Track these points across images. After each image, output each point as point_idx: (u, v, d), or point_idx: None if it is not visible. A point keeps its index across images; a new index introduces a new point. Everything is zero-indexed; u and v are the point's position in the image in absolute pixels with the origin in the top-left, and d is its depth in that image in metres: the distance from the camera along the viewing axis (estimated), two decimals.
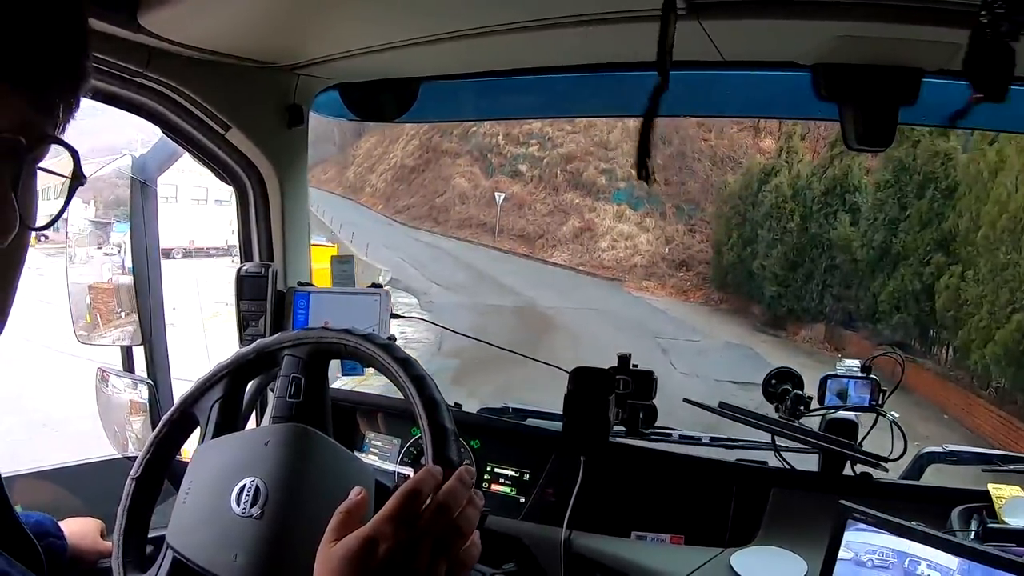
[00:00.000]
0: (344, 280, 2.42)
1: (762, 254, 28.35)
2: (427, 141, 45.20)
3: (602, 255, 33.76)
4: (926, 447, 2.33)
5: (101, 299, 2.54)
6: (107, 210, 2.52)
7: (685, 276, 32.45)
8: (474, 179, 40.65)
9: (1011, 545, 1.66)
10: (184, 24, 1.79)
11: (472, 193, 39.95)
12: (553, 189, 37.08)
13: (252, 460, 1.27)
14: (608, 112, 2.65)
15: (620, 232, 34.11)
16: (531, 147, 38.34)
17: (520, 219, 36.78)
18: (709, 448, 2.31)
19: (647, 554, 1.96)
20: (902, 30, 1.62)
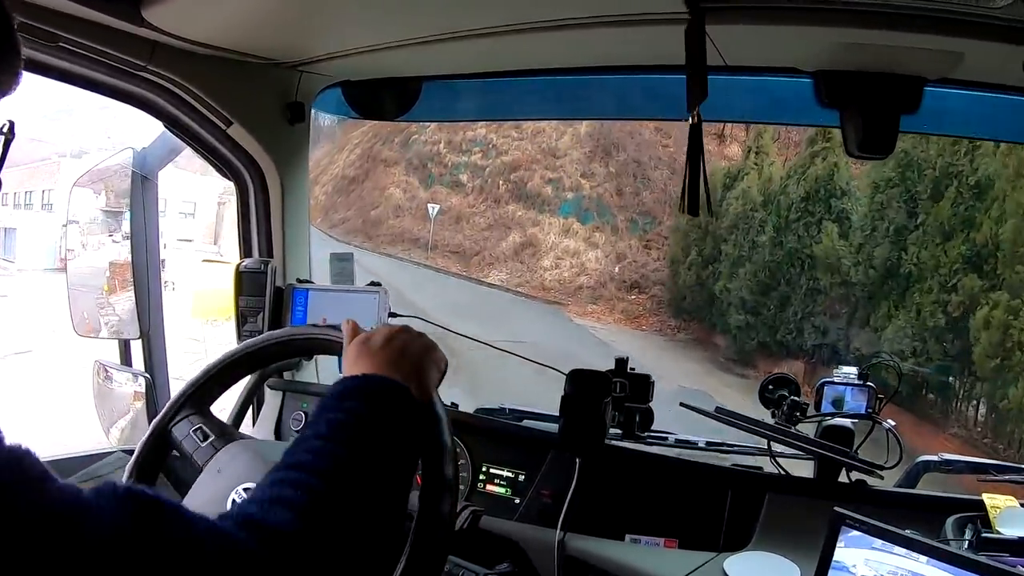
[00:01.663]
0: (343, 277, 2.42)
1: (726, 274, 22.51)
2: (368, 150, 40.97)
3: (544, 275, 29.23)
4: (921, 455, 2.33)
5: (119, 272, 2.54)
6: (118, 199, 2.52)
7: (637, 299, 27.73)
8: (411, 190, 36.47)
9: (1005, 555, 1.66)
10: (188, 19, 1.80)
11: (408, 205, 35.82)
12: (495, 201, 32.88)
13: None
14: (610, 115, 2.65)
15: (566, 248, 29.74)
16: (474, 155, 34.34)
17: (457, 234, 32.73)
18: (705, 452, 2.30)
19: (641, 557, 1.96)
20: (905, 38, 1.62)
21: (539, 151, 32.07)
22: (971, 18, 1.53)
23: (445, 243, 32.62)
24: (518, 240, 30.61)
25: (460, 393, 2.57)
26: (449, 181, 34.22)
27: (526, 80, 2.36)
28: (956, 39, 1.59)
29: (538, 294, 28.21)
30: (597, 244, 29.25)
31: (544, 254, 29.64)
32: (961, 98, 1.99)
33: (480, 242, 31.55)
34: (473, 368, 9.47)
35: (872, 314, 18.59)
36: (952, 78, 1.84)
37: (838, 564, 1.47)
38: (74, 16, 1.68)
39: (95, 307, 2.59)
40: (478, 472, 2.23)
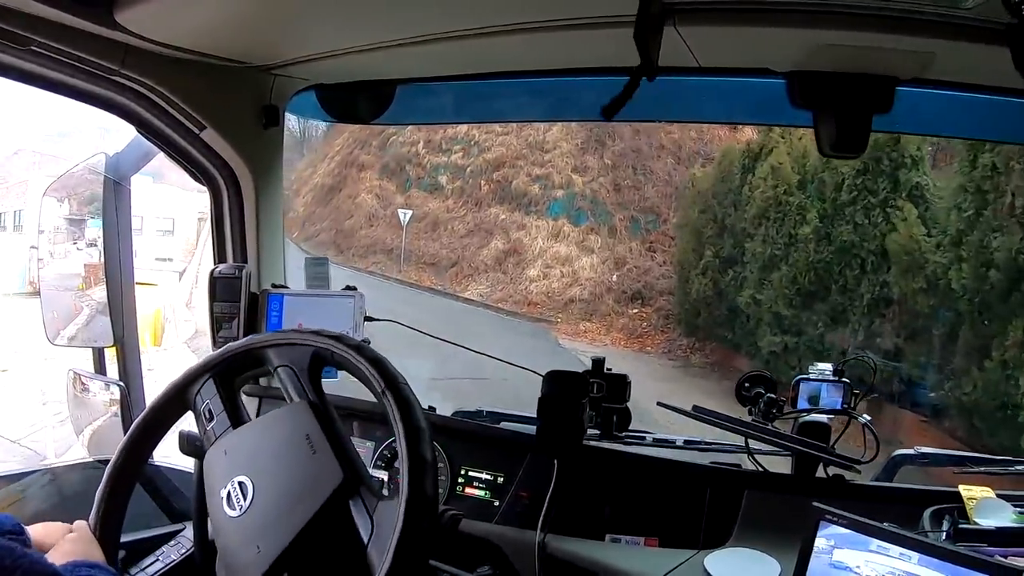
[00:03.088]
0: (318, 282, 2.41)
1: (754, 281, 16.34)
2: (348, 156, 37.02)
3: (530, 287, 24.95)
4: (898, 449, 2.35)
5: (93, 272, 2.52)
6: (81, 207, 2.50)
7: (640, 313, 22.76)
8: (385, 196, 32.72)
9: (982, 545, 1.68)
10: (161, 22, 1.78)
11: (382, 213, 32.00)
12: (475, 204, 29.04)
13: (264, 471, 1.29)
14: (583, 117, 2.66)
15: (555, 255, 25.43)
16: (454, 154, 30.64)
17: (433, 242, 28.93)
18: (683, 451, 2.31)
19: (622, 556, 1.96)
20: (877, 39, 1.64)
21: (525, 146, 27.97)
22: (942, 19, 1.55)
23: (420, 253, 28.97)
24: (501, 247, 26.66)
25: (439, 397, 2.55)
26: (427, 184, 30.97)
27: (500, 82, 2.36)
28: (927, 39, 1.61)
29: (523, 310, 24.28)
30: (592, 248, 25.19)
31: (530, 262, 25.60)
32: (933, 97, 2.01)
33: (458, 251, 27.89)
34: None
35: (993, 339, 10.99)
36: (924, 78, 1.86)
37: (839, 564, 1.48)
38: (46, 19, 1.65)
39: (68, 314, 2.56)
40: (457, 475, 2.23)
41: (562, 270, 24.89)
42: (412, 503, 1.19)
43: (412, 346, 2.85)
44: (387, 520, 1.20)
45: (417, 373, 2.06)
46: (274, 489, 1.26)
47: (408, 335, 2.49)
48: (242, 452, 1.34)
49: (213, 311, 2.32)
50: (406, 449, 1.22)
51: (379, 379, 1.29)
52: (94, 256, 2.57)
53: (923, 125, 2.32)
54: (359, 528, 1.23)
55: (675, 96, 2.32)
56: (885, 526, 1.45)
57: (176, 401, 1.44)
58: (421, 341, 2.60)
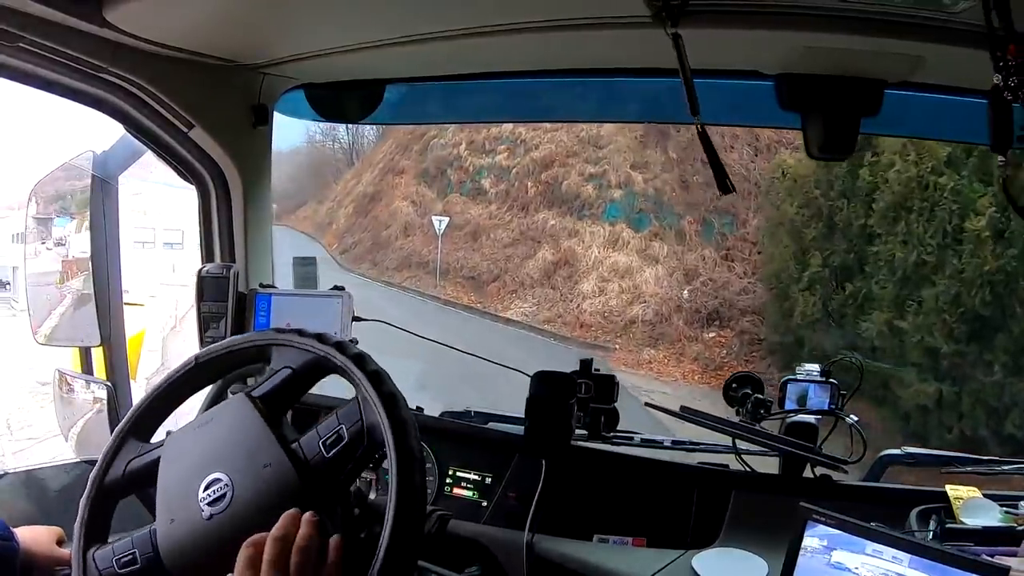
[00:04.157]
0: (306, 282, 2.40)
1: (889, 299, 11.81)
2: (389, 162, 33.86)
3: (583, 305, 20.50)
4: (885, 449, 2.36)
5: (69, 267, 2.51)
6: (47, 206, 2.49)
7: (718, 338, 17.87)
8: (423, 203, 29.38)
9: (969, 544, 1.69)
10: (150, 20, 1.78)
11: (418, 222, 28.73)
12: (521, 208, 24.92)
13: (244, 465, 1.27)
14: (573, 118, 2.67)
15: (613, 266, 20.88)
16: (499, 155, 26.77)
17: (474, 253, 25.10)
18: (671, 451, 2.32)
19: (610, 556, 1.96)
20: (866, 42, 1.65)
21: (576, 142, 23.93)
22: (931, 22, 1.56)
23: (459, 266, 25.38)
24: (549, 258, 22.72)
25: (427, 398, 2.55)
26: (469, 188, 27.69)
27: (488, 82, 2.36)
28: (916, 43, 1.62)
29: (574, 333, 19.98)
30: (656, 257, 20.72)
31: (583, 275, 21.46)
32: (921, 101, 2.02)
33: (501, 262, 24.06)
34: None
35: None
36: (912, 81, 1.88)
37: (839, 565, 1.48)
38: (35, 16, 1.64)
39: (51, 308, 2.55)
40: (445, 476, 2.22)
41: (621, 284, 20.68)
42: (401, 496, 1.18)
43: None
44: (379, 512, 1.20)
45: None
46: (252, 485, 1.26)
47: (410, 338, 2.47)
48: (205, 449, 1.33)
49: (201, 311, 2.31)
50: (393, 442, 1.21)
51: (358, 372, 1.29)
52: (62, 255, 2.57)
53: (911, 128, 2.33)
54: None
55: (664, 97, 2.33)
56: (873, 526, 1.46)
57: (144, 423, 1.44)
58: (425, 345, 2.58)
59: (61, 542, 1.76)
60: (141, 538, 1.30)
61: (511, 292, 22.80)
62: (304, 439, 1.28)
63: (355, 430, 1.26)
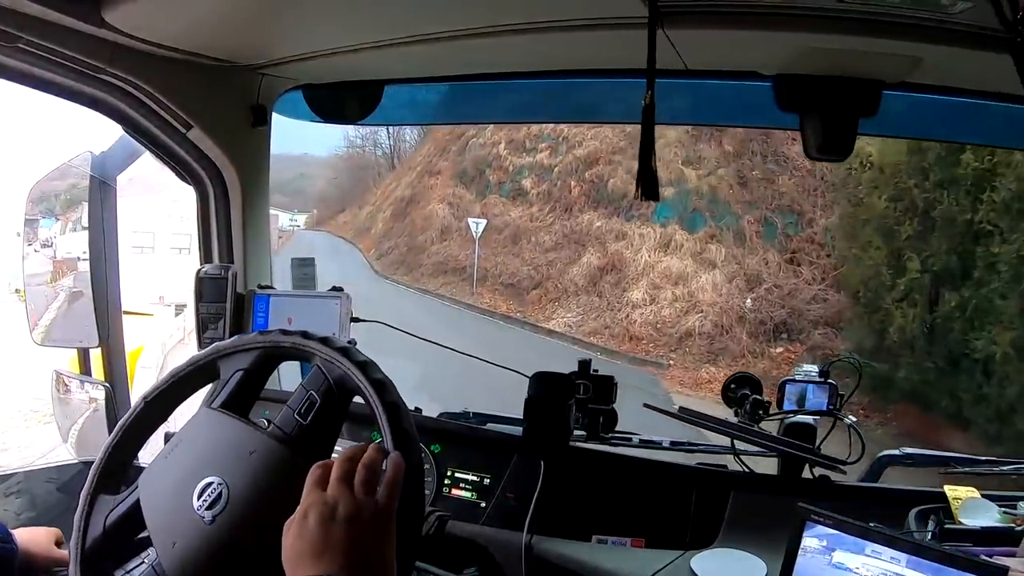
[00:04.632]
0: (305, 283, 2.41)
1: (1012, 313, 9.25)
2: (427, 164, 32.65)
3: (632, 315, 18.46)
4: (884, 450, 2.37)
5: (60, 267, 2.51)
6: (34, 207, 2.49)
7: (786, 354, 15.67)
8: (460, 205, 27.70)
9: (967, 545, 1.69)
10: (149, 21, 1.78)
11: (455, 225, 27.11)
12: (564, 209, 23.00)
13: (230, 461, 1.27)
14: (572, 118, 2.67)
15: (665, 271, 18.86)
16: (540, 153, 25.24)
17: (513, 258, 23.13)
18: (669, 452, 2.31)
19: (608, 557, 1.96)
20: (863, 42, 1.65)
21: (623, 137, 21.39)
22: (928, 23, 1.56)
23: (497, 272, 23.56)
24: (595, 262, 20.65)
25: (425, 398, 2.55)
26: (509, 189, 26.02)
27: (487, 83, 2.36)
28: (914, 43, 1.62)
29: (623, 347, 17.76)
30: (713, 262, 18.54)
31: (633, 282, 19.42)
32: (919, 101, 2.03)
33: (542, 268, 22.14)
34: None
35: None
36: (910, 82, 1.88)
37: (840, 565, 1.48)
38: (33, 17, 1.65)
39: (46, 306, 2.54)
40: (443, 477, 2.22)
41: (675, 292, 18.51)
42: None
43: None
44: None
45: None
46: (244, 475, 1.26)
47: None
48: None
49: (199, 312, 2.31)
50: (388, 424, 1.24)
51: (348, 363, 1.30)
52: (49, 255, 2.57)
53: (910, 129, 2.34)
54: None
55: (661, 98, 2.32)
56: (871, 526, 1.46)
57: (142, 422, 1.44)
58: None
59: (59, 543, 1.77)
60: (144, 573, 1.29)
61: (553, 300, 21.09)
62: (278, 419, 1.31)
63: (324, 389, 1.31)
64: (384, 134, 44.18)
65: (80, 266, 2.47)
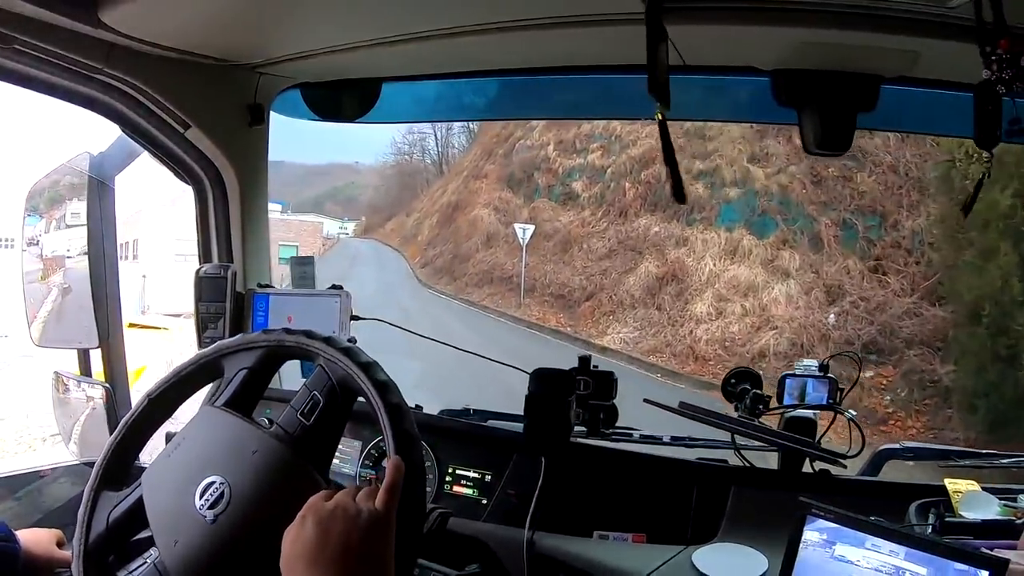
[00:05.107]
0: (304, 281, 2.40)
1: None
2: (474, 169, 31.16)
3: (696, 331, 16.61)
4: (883, 444, 2.37)
5: (50, 264, 2.52)
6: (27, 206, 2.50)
7: (878, 380, 13.11)
8: (507, 210, 25.87)
9: (968, 538, 1.69)
10: (145, 20, 1.78)
11: (502, 232, 25.19)
12: (619, 214, 20.96)
13: (233, 461, 1.28)
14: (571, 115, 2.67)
15: (733, 281, 17.06)
16: (591, 154, 23.37)
17: (564, 267, 21.15)
18: (670, 447, 2.31)
19: (610, 553, 1.96)
20: (861, 37, 1.65)
21: (680, 134, 17.85)
22: (926, 18, 1.56)
23: (547, 281, 21.51)
24: (654, 271, 18.62)
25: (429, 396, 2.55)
26: (559, 193, 24.18)
27: (485, 80, 2.37)
28: (911, 38, 1.63)
29: (686, 368, 15.75)
30: (787, 271, 16.47)
31: (696, 293, 17.41)
32: (917, 96, 2.03)
33: (596, 277, 20.08)
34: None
35: None
36: (909, 76, 1.88)
37: (842, 558, 1.48)
38: (29, 17, 1.65)
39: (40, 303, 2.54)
40: (444, 474, 2.22)
41: (744, 304, 16.40)
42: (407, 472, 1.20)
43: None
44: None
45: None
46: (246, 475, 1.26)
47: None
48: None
49: (199, 311, 2.31)
50: (390, 426, 1.24)
51: (351, 364, 1.30)
52: (36, 253, 2.57)
53: (908, 123, 2.34)
54: None
55: None
56: (872, 520, 1.46)
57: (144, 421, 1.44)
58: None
59: (61, 544, 1.77)
60: (147, 572, 1.30)
61: (608, 314, 18.99)
62: (281, 418, 1.31)
63: (327, 390, 1.31)
64: (432, 140, 44.08)
65: (67, 263, 2.47)
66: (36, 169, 2.44)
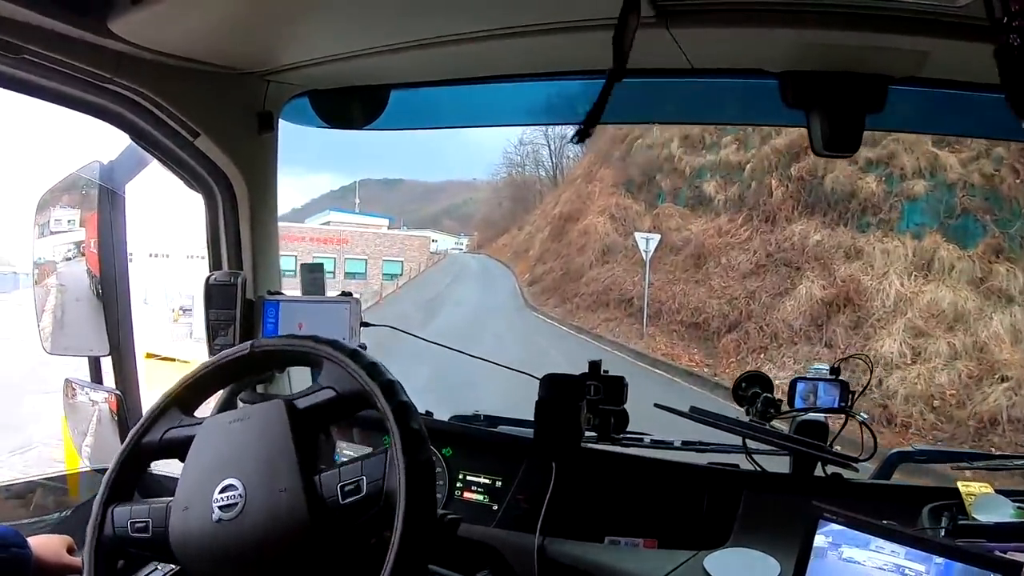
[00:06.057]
0: (314, 288, 2.40)
1: None
2: (587, 175, 27.40)
3: (887, 380, 11.53)
4: (896, 447, 2.36)
5: (42, 270, 2.53)
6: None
7: None
8: (626, 218, 22.19)
9: (982, 541, 1.68)
10: (155, 30, 1.78)
11: (620, 243, 21.56)
12: (765, 219, 17.28)
13: (260, 482, 1.29)
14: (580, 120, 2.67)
15: (931, 308, 12.56)
16: (724, 149, 19.68)
17: (697, 287, 17.54)
18: (681, 452, 2.31)
19: (621, 558, 1.96)
20: (869, 38, 1.65)
21: None
22: (934, 17, 1.56)
23: (675, 306, 17.62)
24: (818, 293, 14.46)
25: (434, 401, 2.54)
26: (687, 196, 20.49)
27: (494, 86, 2.36)
28: (920, 38, 1.62)
29: (882, 440, 4.59)
30: (1008, 293, 12.16)
31: (880, 324, 13.14)
32: (926, 96, 2.02)
33: (739, 301, 16.11)
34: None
35: None
36: (917, 76, 1.87)
37: (851, 559, 1.48)
38: (39, 28, 1.65)
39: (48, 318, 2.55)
40: (455, 480, 2.22)
41: (951, 342, 11.96)
42: (411, 471, 1.21)
43: None
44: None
45: None
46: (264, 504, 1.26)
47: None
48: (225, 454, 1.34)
49: (209, 319, 2.31)
50: (396, 424, 1.24)
51: (357, 368, 1.31)
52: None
53: (917, 124, 2.33)
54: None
55: (667, 97, 2.33)
56: (885, 523, 1.45)
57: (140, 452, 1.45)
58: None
59: (71, 550, 1.78)
60: (157, 511, 1.34)
61: (757, 351, 14.72)
62: (325, 476, 1.28)
63: (374, 487, 1.26)
64: (546, 152, 43.57)
65: (59, 267, 2.48)
66: (49, 179, 2.44)
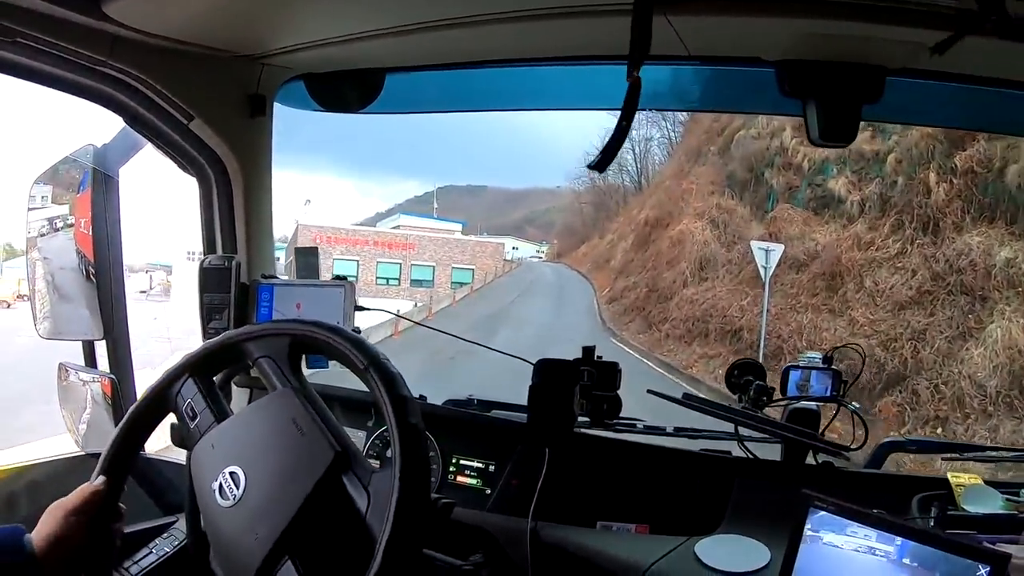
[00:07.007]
0: (308, 272, 2.40)
1: None
2: (677, 174, 24.12)
3: None
4: (887, 437, 2.37)
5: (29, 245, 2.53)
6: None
7: None
8: (729, 224, 19.07)
9: (970, 532, 1.69)
10: (148, 12, 1.78)
11: (722, 255, 18.55)
12: (922, 226, 13.40)
13: (272, 471, 1.30)
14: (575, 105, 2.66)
15: None
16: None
17: (831, 317, 14.18)
18: (673, 438, 2.32)
19: (613, 543, 1.97)
20: (867, 28, 1.65)
21: None
22: (932, 9, 1.56)
23: (802, 344, 13.79)
24: (1020, 337, 10.86)
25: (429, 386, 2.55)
26: (807, 197, 16.99)
27: (490, 71, 2.36)
28: (917, 29, 1.62)
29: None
30: None
31: None
32: (923, 87, 2.02)
33: (896, 343, 12.31)
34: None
35: None
36: (914, 68, 1.87)
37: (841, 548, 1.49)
38: (32, 11, 1.65)
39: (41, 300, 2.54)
40: (448, 464, 2.23)
41: None
42: (407, 467, 1.21)
43: None
44: (383, 488, 1.21)
45: None
46: (266, 475, 1.28)
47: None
48: (230, 444, 1.35)
49: (203, 302, 2.31)
50: (394, 419, 1.24)
51: (360, 357, 1.31)
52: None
53: (913, 115, 2.33)
54: (355, 501, 1.24)
55: (664, 84, 2.33)
56: (874, 512, 1.46)
57: (159, 401, 1.45)
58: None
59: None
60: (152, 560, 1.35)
61: (930, 422, 10.77)
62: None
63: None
64: (630, 156, 42.30)
65: (39, 242, 2.47)
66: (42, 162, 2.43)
